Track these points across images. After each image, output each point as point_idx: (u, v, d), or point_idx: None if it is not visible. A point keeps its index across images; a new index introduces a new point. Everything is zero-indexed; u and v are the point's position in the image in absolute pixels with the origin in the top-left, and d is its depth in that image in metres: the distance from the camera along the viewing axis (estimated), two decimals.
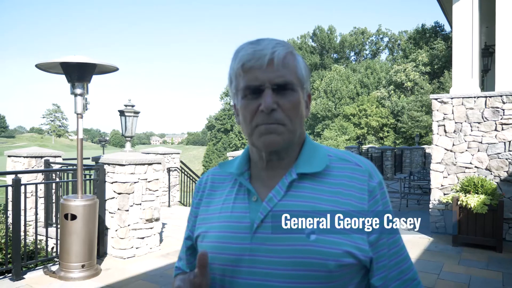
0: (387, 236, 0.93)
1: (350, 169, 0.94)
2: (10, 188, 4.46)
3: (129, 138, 6.11)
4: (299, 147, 0.97)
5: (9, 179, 5.66)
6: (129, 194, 5.44)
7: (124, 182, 5.40)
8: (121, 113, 6.06)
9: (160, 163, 5.91)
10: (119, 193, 5.42)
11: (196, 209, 1.06)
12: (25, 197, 4.70)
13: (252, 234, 0.90)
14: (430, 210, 6.89)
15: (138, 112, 6.13)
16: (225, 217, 0.96)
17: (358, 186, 0.92)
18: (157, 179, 5.83)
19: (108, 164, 5.50)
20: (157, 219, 5.80)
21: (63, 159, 7.41)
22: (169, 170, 10.15)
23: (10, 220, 4.47)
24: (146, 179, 5.65)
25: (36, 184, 5.08)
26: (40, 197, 6.40)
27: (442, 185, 6.74)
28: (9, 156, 6.99)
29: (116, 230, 5.44)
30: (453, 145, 6.67)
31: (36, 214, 4.92)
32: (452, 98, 6.73)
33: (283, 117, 0.89)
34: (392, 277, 0.94)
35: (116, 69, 4.88)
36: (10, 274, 4.45)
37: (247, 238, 0.90)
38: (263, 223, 0.90)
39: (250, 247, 0.89)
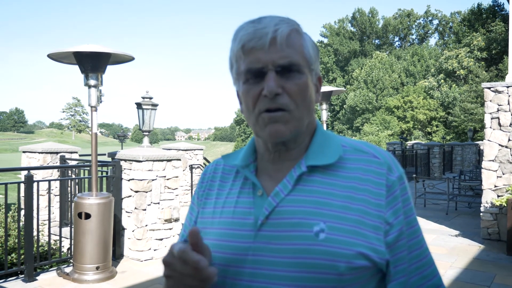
0: (408, 236, 0.90)
1: (366, 161, 0.92)
2: (22, 185, 4.65)
3: (147, 133, 6.24)
4: (309, 137, 0.95)
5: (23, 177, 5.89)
6: (146, 192, 5.56)
7: (141, 180, 5.51)
8: (138, 105, 6.19)
9: (179, 160, 6.00)
10: (136, 191, 5.54)
11: (199, 202, 1.05)
12: (38, 195, 4.88)
13: (256, 232, 0.89)
14: (481, 214, 6.67)
15: (156, 105, 6.24)
16: (228, 213, 0.95)
17: (374, 180, 0.89)
18: (177, 177, 5.92)
19: (125, 160, 5.63)
20: (176, 220, 5.90)
21: (80, 155, 7.64)
22: (191, 167, 10.27)
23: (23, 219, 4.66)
24: (165, 176, 5.75)
25: (49, 181, 5.26)
26: (55, 195, 6.64)
27: (495, 186, 6.50)
28: (24, 152, 7.28)
29: (133, 231, 5.57)
30: (509, 140, 6.42)
31: (50, 212, 5.10)
32: (508, 87, 6.47)
33: (288, 102, 0.87)
34: (413, 283, 0.91)
35: (132, 59, 4.98)
36: (23, 275, 4.64)
37: (251, 236, 0.89)
38: (268, 220, 0.88)
39: (254, 246, 0.88)
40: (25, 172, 5.31)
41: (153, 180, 5.61)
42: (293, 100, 0.87)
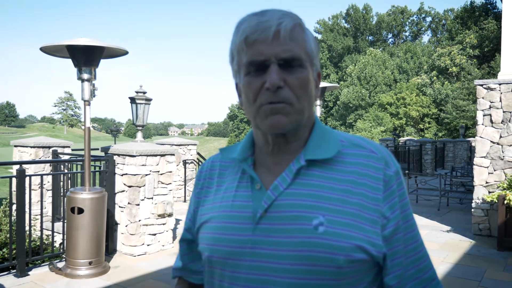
0: (404, 230, 0.92)
1: (364, 156, 0.93)
2: (14, 180, 4.61)
3: (141, 127, 6.22)
4: (308, 130, 0.96)
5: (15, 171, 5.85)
6: (140, 187, 5.54)
7: (134, 174, 5.49)
8: (132, 100, 6.16)
9: (173, 155, 5.99)
10: (130, 186, 5.52)
11: (197, 198, 1.06)
12: (30, 189, 4.85)
13: (254, 225, 0.90)
14: (472, 209, 6.73)
15: (150, 99, 6.22)
16: (226, 207, 0.96)
17: (372, 175, 0.91)
18: (170, 172, 5.90)
19: (118, 155, 5.61)
20: (170, 215, 5.88)
21: (72, 150, 7.59)
22: (185, 162, 10.26)
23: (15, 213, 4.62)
24: (158, 171, 5.73)
25: (41, 175, 5.23)
26: (48, 190, 6.60)
27: (486, 182, 6.56)
28: (15, 146, 7.21)
29: (126, 226, 5.55)
30: (501, 137, 6.47)
31: (42, 207, 5.07)
32: (500, 84, 6.52)
33: (290, 95, 0.87)
34: (409, 276, 0.93)
35: (125, 53, 4.95)
36: (15, 270, 4.61)
37: (249, 229, 0.90)
38: (267, 213, 0.89)
39: (252, 239, 0.89)
40: (17, 167, 5.27)
41: (146, 175, 5.59)
42: (294, 93, 0.88)
